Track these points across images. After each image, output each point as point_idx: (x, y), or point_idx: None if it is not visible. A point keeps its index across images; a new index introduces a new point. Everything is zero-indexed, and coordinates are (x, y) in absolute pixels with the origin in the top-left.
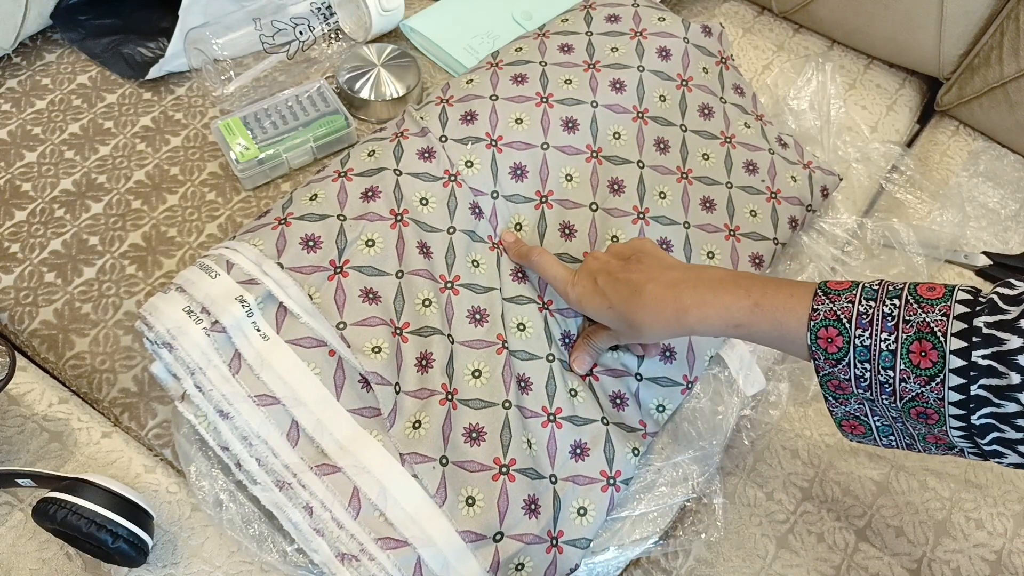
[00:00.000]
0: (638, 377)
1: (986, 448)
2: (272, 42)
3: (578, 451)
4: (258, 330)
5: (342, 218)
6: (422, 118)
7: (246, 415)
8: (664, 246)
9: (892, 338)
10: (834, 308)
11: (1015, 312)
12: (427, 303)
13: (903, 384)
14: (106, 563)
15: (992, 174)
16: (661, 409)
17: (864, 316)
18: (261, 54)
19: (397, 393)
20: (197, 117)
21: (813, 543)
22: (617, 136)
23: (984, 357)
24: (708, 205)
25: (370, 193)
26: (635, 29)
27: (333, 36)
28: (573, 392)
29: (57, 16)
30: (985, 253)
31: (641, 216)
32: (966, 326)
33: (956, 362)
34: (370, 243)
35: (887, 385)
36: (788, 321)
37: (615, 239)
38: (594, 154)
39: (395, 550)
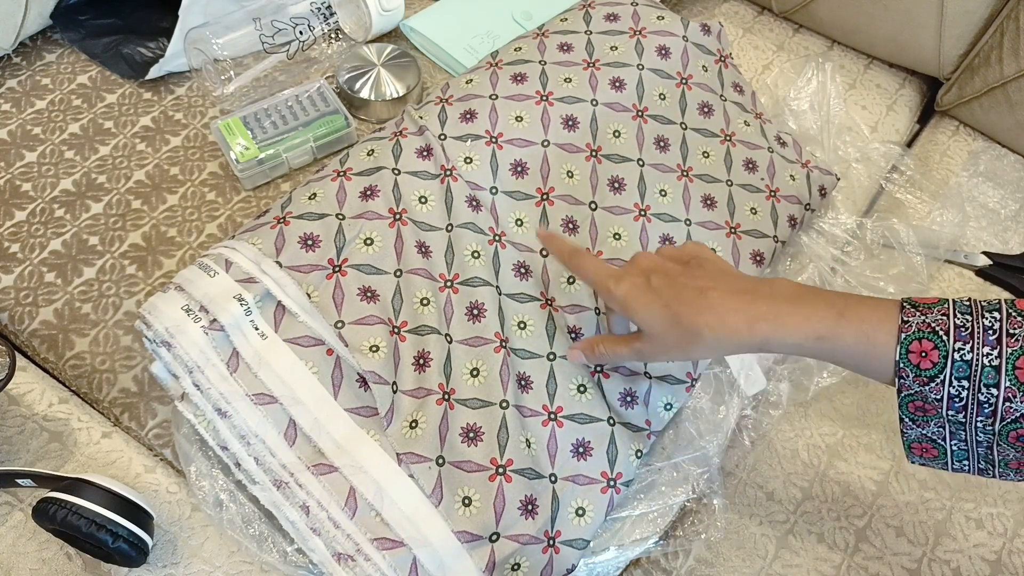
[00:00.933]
0: (647, 375)
1: None
2: (272, 42)
3: (580, 450)
4: (256, 329)
5: (341, 217)
6: (421, 117)
7: (244, 414)
8: (666, 243)
9: (995, 352)
10: (927, 320)
11: None
12: (425, 302)
13: (1007, 404)
14: (106, 563)
15: (992, 174)
16: (668, 407)
17: (963, 328)
18: (261, 54)
19: (394, 392)
20: (197, 117)
21: (813, 543)
22: (617, 134)
23: None
24: (709, 203)
25: (369, 192)
26: (634, 28)
27: (333, 36)
28: (582, 388)
29: (57, 16)
30: (985, 253)
31: (643, 214)
32: None
33: None
34: (368, 242)
35: (987, 405)
36: (876, 333)
37: (617, 236)
38: (594, 153)
39: (391, 550)
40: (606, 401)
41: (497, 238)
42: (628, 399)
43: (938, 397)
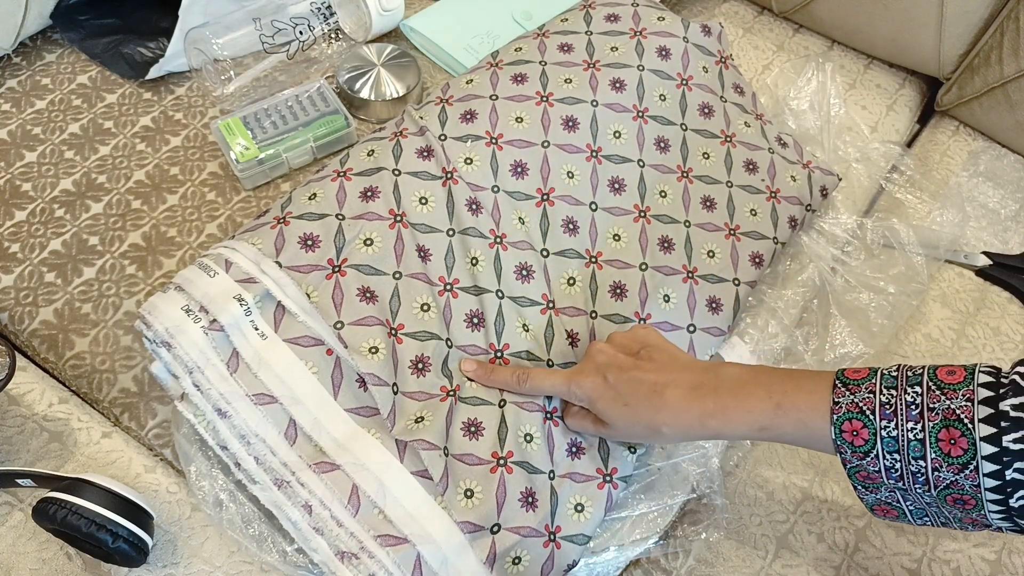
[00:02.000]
0: None
1: None
2: (272, 42)
3: (574, 449)
4: (256, 329)
5: (340, 217)
6: (421, 118)
7: (244, 414)
8: (665, 245)
9: (919, 427)
10: (855, 400)
11: None
12: (425, 308)
13: (936, 473)
14: (106, 563)
15: (992, 174)
16: None
17: (887, 406)
18: (261, 54)
19: (395, 394)
20: (197, 117)
21: (813, 543)
22: (617, 135)
23: (1015, 441)
24: (708, 204)
25: (369, 193)
26: (634, 29)
27: (333, 36)
28: None
29: (57, 16)
30: (985, 253)
31: (642, 215)
32: (992, 411)
33: (987, 448)
34: (368, 242)
35: (919, 475)
36: (812, 419)
37: (616, 238)
38: (594, 153)
39: (395, 547)
40: None
41: (498, 240)
42: None
43: (876, 469)
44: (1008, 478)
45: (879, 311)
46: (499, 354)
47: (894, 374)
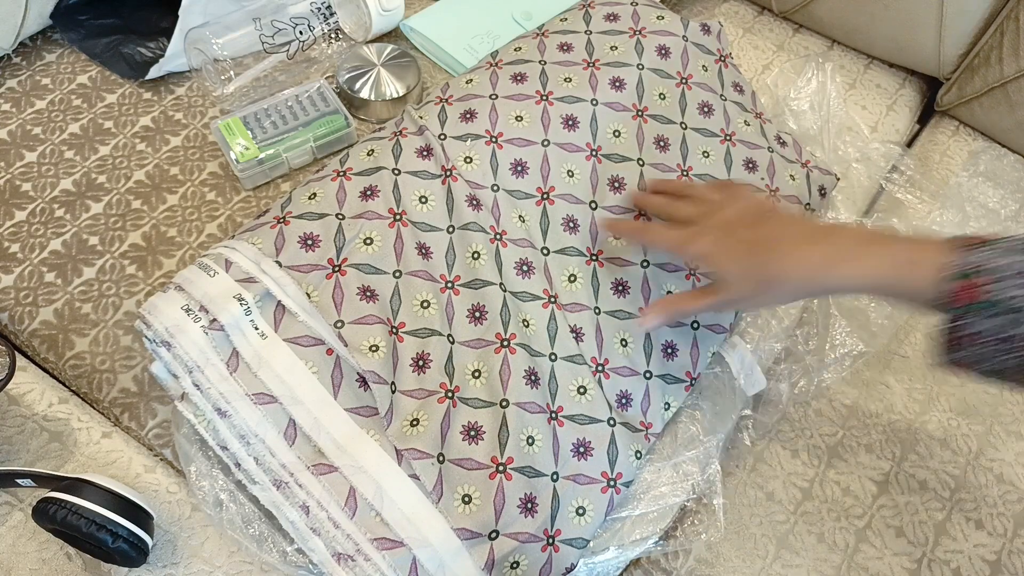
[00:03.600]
0: (647, 375)
1: None
2: (272, 42)
3: (580, 450)
4: (256, 328)
5: (340, 217)
6: (421, 117)
7: (244, 414)
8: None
9: None
10: (978, 260)
11: None
12: (426, 304)
13: None
14: (106, 563)
15: (992, 174)
16: (667, 407)
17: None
18: (261, 54)
19: (393, 392)
20: (197, 117)
21: (813, 543)
22: (617, 134)
23: None
24: None
25: (369, 192)
26: (634, 28)
27: (333, 36)
28: (582, 389)
29: (57, 16)
30: None
31: (643, 213)
32: None
33: None
34: (368, 241)
35: None
36: (930, 259)
37: (617, 236)
38: (594, 152)
39: (391, 550)
40: (608, 401)
41: (498, 236)
42: (626, 399)
43: (975, 330)
44: None
45: (879, 311)
46: (505, 343)
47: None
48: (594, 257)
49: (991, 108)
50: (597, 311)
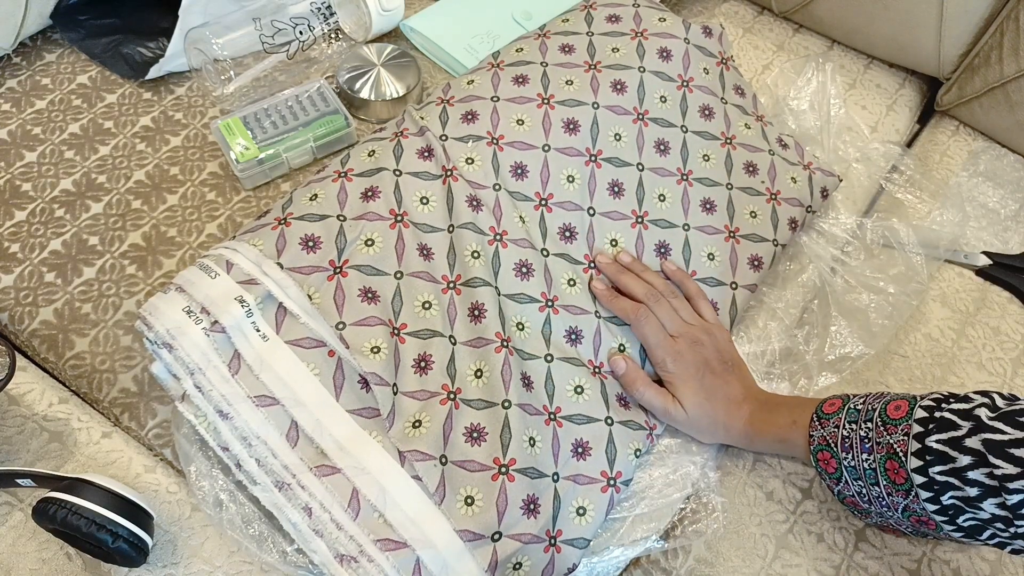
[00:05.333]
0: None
1: (993, 543)
2: (272, 42)
3: (579, 450)
4: (258, 330)
5: (342, 218)
6: (422, 118)
7: (245, 416)
8: (663, 250)
9: (872, 458)
10: (824, 434)
11: (965, 428)
12: (427, 306)
13: (891, 497)
14: (106, 563)
15: (992, 174)
16: None
17: (847, 440)
18: (261, 54)
19: (395, 394)
20: (197, 117)
21: (813, 543)
22: (618, 137)
23: (941, 473)
24: (708, 207)
25: (370, 193)
26: (636, 29)
27: (333, 36)
28: (580, 389)
29: (57, 16)
30: (985, 253)
31: (640, 220)
32: (920, 445)
33: (919, 478)
34: (369, 243)
35: (881, 498)
36: (802, 446)
37: (614, 243)
38: (593, 158)
39: (394, 552)
40: (605, 401)
41: (498, 237)
42: (625, 399)
43: (850, 493)
44: (946, 503)
45: (879, 311)
46: (505, 343)
47: (859, 407)
48: (591, 265)
49: (991, 108)
50: (597, 315)
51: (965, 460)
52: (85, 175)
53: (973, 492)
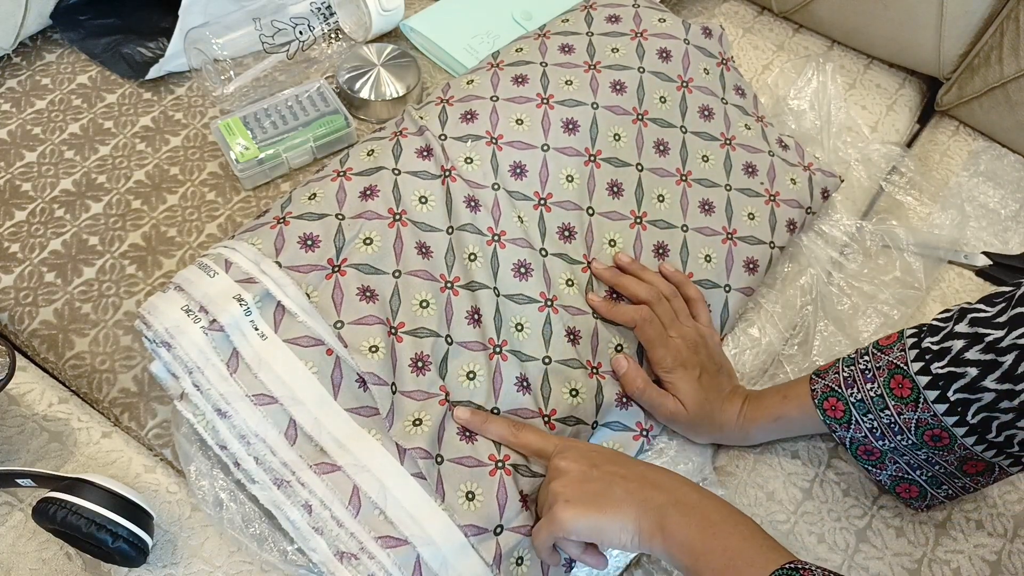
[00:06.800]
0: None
1: (1009, 449)
2: (272, 42)
3: None
4: (256, 329)
5: (340, 217)
6: (422, 118)
7: (244, 414)
8: (661, 251)
9: (875, 384)
10: (826, 382)
11: (952, 319)
12: (424, 304)
13: (901, 416)
14: (106, 563)
15: (992, 174)
16: None
17: (849, 378)
18: (261, 54)
19: (394, 393)
20: (197, 117)
21: (813, 543)
22: (617, 138)
23: (942, 367)
24: (707, 208)
25: (368, 192)
26: (635, 30)
27: (333, 36)
28: (575, 392)
29: (57, 16)
30: (985, 253)
31: (638, 221)
32: (918, 350)
33: (923, 379)
34: (368, 241)
35: (893, 424)
36: (806, 406)
37: (612, 243)
38: (592, 158)
39: (395, 548)
40: (598, 405)
41: (496, 238)
42: (627, 399)
43: (862, 434)
44: (953, 399)
45: (874, 316)
46: (497, 349)
47: (851, 355)
48: (589, 265)
49: (991, 108)
50: (595, 315)
51: (959, 344)
52: (85, 175)
53: (973, 372)
